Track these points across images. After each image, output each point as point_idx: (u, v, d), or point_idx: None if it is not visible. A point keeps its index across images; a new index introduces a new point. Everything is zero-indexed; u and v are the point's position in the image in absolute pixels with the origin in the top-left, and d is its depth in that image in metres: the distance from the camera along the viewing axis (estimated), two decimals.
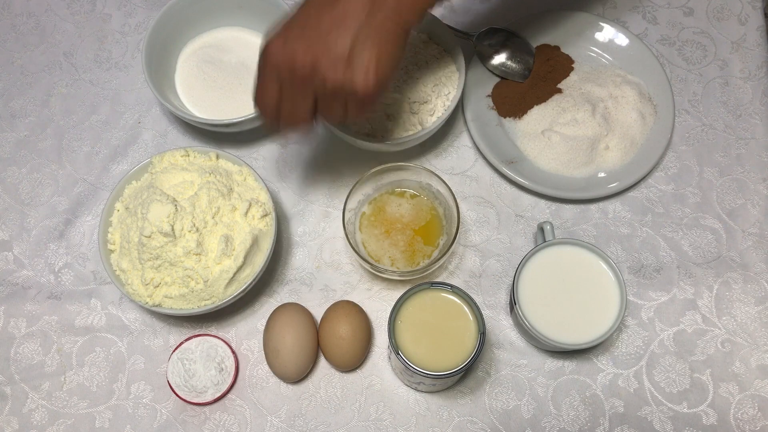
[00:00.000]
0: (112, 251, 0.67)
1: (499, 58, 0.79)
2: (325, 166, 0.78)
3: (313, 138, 0.79)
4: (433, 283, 0.62)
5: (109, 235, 0.68)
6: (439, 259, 0.66)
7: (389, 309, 0.62)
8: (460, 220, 0.67)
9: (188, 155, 0.69)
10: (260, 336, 0.70)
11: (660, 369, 0.70)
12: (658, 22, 0.85)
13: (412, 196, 0.71)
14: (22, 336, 0.72)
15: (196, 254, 0.63)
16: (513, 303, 0.67)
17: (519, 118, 0.78)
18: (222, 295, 0.65)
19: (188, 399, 0.67)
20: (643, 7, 0.85)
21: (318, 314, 0.71)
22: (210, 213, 0.64)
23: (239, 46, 0.80)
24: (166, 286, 0.64)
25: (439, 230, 0.70)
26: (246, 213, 0.66)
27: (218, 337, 0.69)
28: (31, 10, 0.87)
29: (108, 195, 0.71)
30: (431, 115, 0.73)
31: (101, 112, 0.81)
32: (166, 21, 0.76)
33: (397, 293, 0.71)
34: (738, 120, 0.80)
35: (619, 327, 0.70)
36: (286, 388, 0.69)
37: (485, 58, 0.79)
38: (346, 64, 0.52)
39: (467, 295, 0.61)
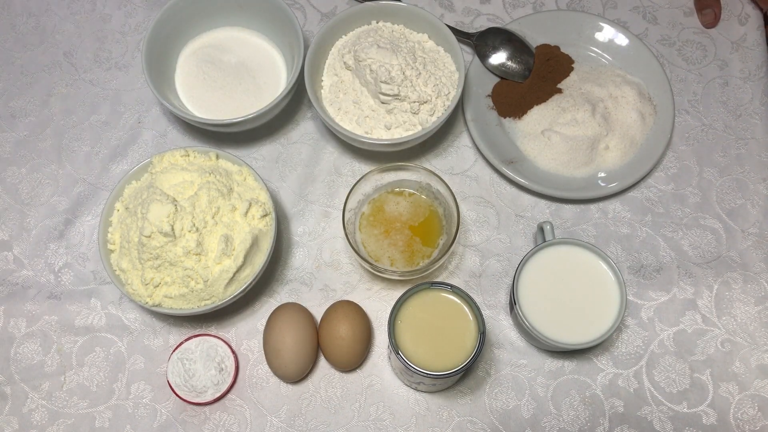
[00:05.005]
0: (112, 251, 0.67)
1: (499, 58, 0.79)
2: (325, 166, 0.78)
3: (313, 138, 0.79)
4: (433, 283, 0.62)
5: (109, 235, 0.68)
6: (438, 259, 0.66)
7: (389, 309, 0.62)
8: (460, 220, 0.67)
9: (188, 155, 0.69)
10: (260, 336, 0.70)
11: (660, 369, 0.70)
12: (658, 22, 0.85)
13: (410, 195, 0.71)
14: (22, 336, 0.72)
15: (196, 254, 0.63)
16: (513, 303, 0.67)
17: (519, 118, 0.78)
18: (222, 295, 0.65)
19: (188, 399, 0.67)
20: (643, 7, 0.85)
21: (318, 314, 0.71)
22: (210, 213, 0.64)
23: (239, 46, 0.80)
24: (166, 286, 0.64)
25: (439, 230, 0.70)
26: (246, 213, 0.66)
27: (218, 337, 0.69)
28: (31, 10, 0.87)
29: (108, 195, 0.71)
30: (431, 115, 0.73)
31: (101, 112, 0.81)
32: (166, 21, 0.76)
33: (397, 293, 0.71)
34: (738, 120, 0.80)
35: (619, 327, 0.70)
36: (286, 388, 0.69)
37: (485, 58, 0.79)
38: None
39: (467, 295, 0.61)
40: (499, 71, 0.79)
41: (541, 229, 0.70)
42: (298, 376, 0.67)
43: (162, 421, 0.68)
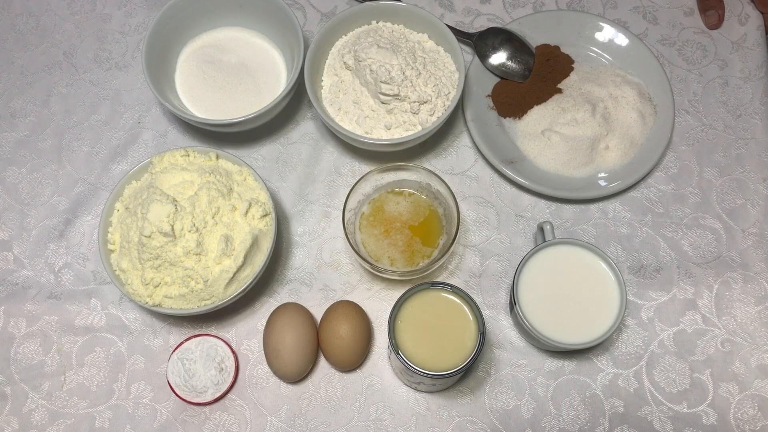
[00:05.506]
0: (112, 251, 0.67)
1: (499, 58, 0.79)
2: (325, 166, 0.78)
3: (313, 138, 0.79)
4: (433, 283, 0.62)
5: (109, 235, 0.68)
6: (438, 259, 0.66)
7: (389, 309, 0.62)
8: (460, 220, 0.67)
9: (188, 155, 0.69)
10: (260, 336, 0.70)
11: (660, 369, 0.70)
12: (658, 22, 0.85)
13: (410, 195, 0.71)
14: (22, 336, 0.72)
15: (196, 254, 0.63)
16: (513, 303, 0.67)
17: (519, 118, 0.78)
18: (222, 295, 0.65)
19: (188, 399, 0.67)
20: (643, 7, 0.85)
21: (318, 314, 0.71)
22: (210, 213, 0.64)
23: (239, 46, 0.80)
24: (166, 286, 0.64)
25: (439, 230, 0.70)
26: (246, 213, 0.66)
27: (218, 337, 0.69)
28: (31, 10, 0.87)
29: (108, 195, 0.71)
30: (431, 115, 0.73)
31: (101, 112, 0.81)
32: (166, 21, 0.76)
33: (397, 293, 0.71)
34: (738, 120, 0.80)
35: (619, 327, 0.70)
36: (286, 388, 0.69)
37: (485, 58, 0.79)
38: None
39: (467, 295, 0.61)
40: (499, 71, 0.79)
41: (541, 229, 0.70)
42: (298, 376, 0.67)
43: (162, 421, 0.68)
